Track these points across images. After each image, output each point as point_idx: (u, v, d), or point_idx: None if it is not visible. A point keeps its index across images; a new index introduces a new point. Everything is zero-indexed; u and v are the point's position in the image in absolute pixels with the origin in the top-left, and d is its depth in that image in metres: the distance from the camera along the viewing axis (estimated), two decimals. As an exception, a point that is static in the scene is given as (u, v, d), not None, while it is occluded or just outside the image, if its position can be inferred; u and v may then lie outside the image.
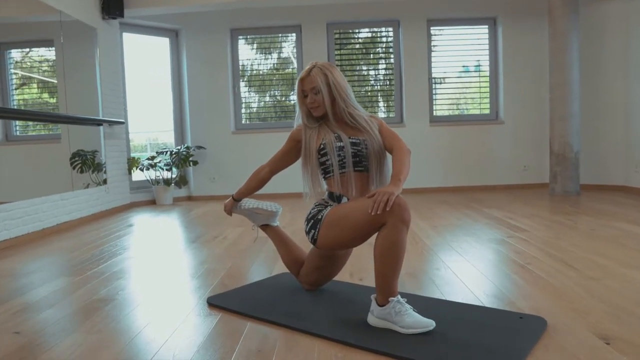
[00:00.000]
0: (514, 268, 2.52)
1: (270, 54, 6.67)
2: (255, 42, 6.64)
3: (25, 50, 4.33)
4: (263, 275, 2.56)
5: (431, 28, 6.43)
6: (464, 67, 6.56)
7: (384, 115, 6.59)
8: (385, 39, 6.59)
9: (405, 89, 6.39)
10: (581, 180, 5.71)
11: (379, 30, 6.56)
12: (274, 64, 6.68)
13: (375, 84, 6.67)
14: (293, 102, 6.65)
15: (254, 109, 6.74)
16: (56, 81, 4.56)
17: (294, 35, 6.50)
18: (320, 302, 2.04)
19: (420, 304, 1.88)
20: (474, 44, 6.50)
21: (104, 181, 5.31)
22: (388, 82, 6.57)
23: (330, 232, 1.85)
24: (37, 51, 4.47)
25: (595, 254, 2.72)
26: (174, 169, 6.26)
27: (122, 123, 5.62)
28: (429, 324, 1.65)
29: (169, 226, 4.39)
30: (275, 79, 6.67)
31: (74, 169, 4.72)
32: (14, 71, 4.12)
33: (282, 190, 6.01)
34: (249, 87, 6.66)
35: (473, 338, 1.61)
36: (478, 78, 6.57)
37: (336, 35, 6.50)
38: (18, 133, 4.14)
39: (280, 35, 6.58)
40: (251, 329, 1.80)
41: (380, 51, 6.63)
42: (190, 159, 6.24)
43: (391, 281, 1.68)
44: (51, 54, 4.53)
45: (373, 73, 6.65)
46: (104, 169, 5.31)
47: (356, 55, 6.66)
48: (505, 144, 6.40)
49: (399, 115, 6.51)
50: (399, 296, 1.70)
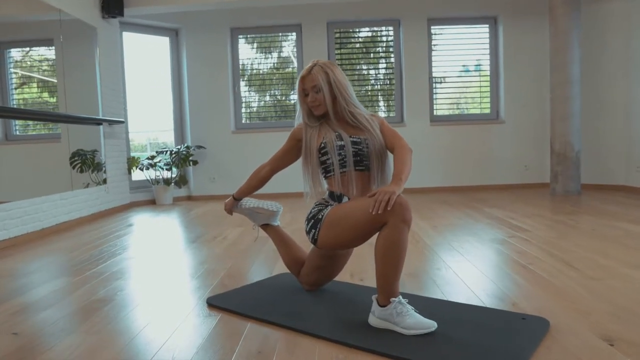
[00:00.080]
0: (515, 268, 2.50)
1: (271, 53, 6.66)
2: (255, 42, 6.62)
3: (25, 49, 4.32)
4: (263, 276, 2.54)
5: (432, 27, 6.42)
6: (465, 67, 6.54)
7: (384, 114, 6.58)
8: (385, 38, 6.57)
9: (406, 88, 6.38)
10: (582, 180, 5.70)
11: (380, 29, 6.55)
12: (274, 64, 6.67)
13: (375, 84, 6.65)
14: (293, 102, 6.63)
15: (254, 109, 6.72)
16: (56, 80, 4.55)
17: (294, 34, 6.49)
18: (321, 303, 2.03)
19: (421, 304, 1.86)
20: (474, 43, 6.48)
21: (104, 181, 5.30)
22: (388, 82, 6.55)
23: (330, 232, 1.83)
24: (37, 50, 4.45)
25: (597, 254, 2.71)
26: (173, 168, 6.25)
27: (122, 122, 5.61)
28: (431, 324, 1.64)
29: (169, 226, 4.38)
30: (275, 78, 6.65)
31: (73, 168, 4.71)
32: (13, 70, 4.10)
33: (283, 190, 6.00)
34: (249, 87, 6.65)
35: (475, 339, 1.60)
36: (479, 77, 6.55)
37: (336, 35, 6.48)
38: (18, 132, 4.13)
39: (280, 35, 6.57)
40: (251, 330, 1.78)
41: (381, 50, 6.61)
42: (190, 158, 6.23)
43: (392, 281, 1.66)
44: (51, 53, 4.52)
45: (373, 72, 6.64)
46: (103, 169, 5.30)
47: (356, 54, 6.64)
48: (505, 144, 6.39)
49: (400, 114, 6.50)
50: (401, 297, 1.69)
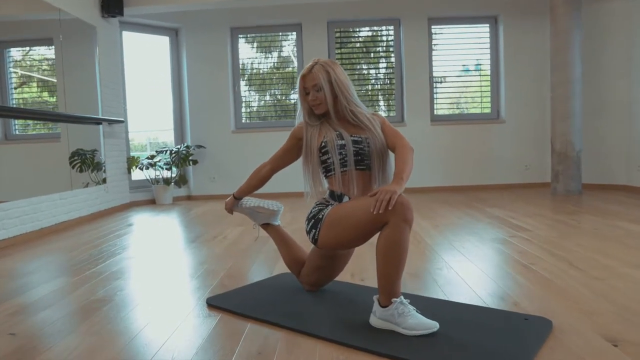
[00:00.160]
0: (517, 268, 2.49)
1: (271, 53, 6.64)
2: (255, 41, 6.61)
3: (25, 49, 4.30)
4: (263, 276, 2.53)
5: (432, 27, 6.40)
6: (465, 66, 6.53)
7: (384, 114, 6.56)
8: (385, 38, 6.56)
9: (406, 88, 6.36)
10: (583, 180, 5.68)
11: (380, 28, 6.53)
12: (274, 63, 6.65)
13: (375, 83, 6.63)
14: (293, 102, 6.62)
15: (254, 108, 6.71)
16: (55, 80, 4.53)
17: (294, 33, 6.47)
18: (321, 303, 2.01)
19: (422, 304, 1.85)
20: (475, 42, 6.46)
21: (104, 180, 5.28)
22: (389, 81, 6.54)
23: (331, 232, 1.82)
24: (37, 50, 4.44)
25: (599, 254, 2.69)
26: (173, 168, 6.23)
27: (122, 122, 5.59)
28: (433, 325, 1.62)
29: (169, 226, 4.36)
30: (275, 78, 6.64)
31: (73, 168, 4.69)
32: (13, 70, 4.09)
33: (283, 190, 5.98)
34: (249, 86, 6.63)
35: (477, 340, 1.58)
36: (479, 77, 6.53)
37: (337, 34, 6.46)
38: (17, 132, 4.12)
39: (280, 34, 6.55)
40: (251, 331, 1.77)
41: (381, 50, 6.59)
42: (190, 158, 6.21)
43: (394, 282, 1.65)
44: (51, 52, 4.50)
45: (374, 72, 6.62)
46: (103, 168, 5.29)
47: (357, 54, 6.63)
48: (506, 143, 6.37)
49: (400, 114, 6.48)
50: (402, 297, 1.67)
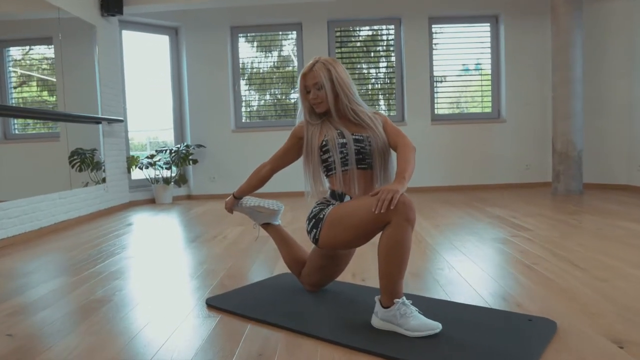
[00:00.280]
0: (519, 268, 2.47)
1: (271, 52, 6.62)
2: (255, 40, 6.59)
3: (24, 48, 4.28)
4: (264, 276, 2.51)
5: (433, 26, 6.38)
6: (466, 66, 6.51)
7: (385, 113, 6.54)
8: (386, 37, 6.54)
9: (407, 87, 6.34)
10: (584, 179, 5.66)
11: (380, 28, 6.51)
12: (274, 62, 6.63)
13: (376, 82, 6.61)
14: (293, 101, 6.60)
15: (254, 108, 6.69)
16: (55, 79, 4.51)
17: (295, 33, 6.45)
18: (322, 304, 1.99)
19: (424, 305, 1.83)
20: (475, 42, 6.44)
21: (103, 180, 5.26)
22: (389, 81, 6.52)
23: (332, 232, 1.79)
24: (36, 49, 4.42)
25: (601, 254, 2.67)
26: (173, 167, 6.21)
27: (121, 121, 5.57)
28: (435, 326, 1.60)
29: (169, 225, 4.34)
30: (275, 77, 6.62)
31: (72, 167, 4.67)
32: (12, 69, 4.07)
33: (283, 189, 5.96)
34: (249, 86, 6.61)
35: (481, 341, 1.56)
36: (480, 76, 6.51)
37: (337, 33, 6.44)
38: (17, 131, 4.10)
39: (280, 33, 6.53)
40: (252, 331, 1.75)
41: (381, 49, 6.57)
42: (190, 157, 6.19)
43: (396, 282, 1.63)
44: (50, 52, 4.48)
45: (374, 71, 6.60)
46: (102, 168, 5.27)
47: (357, 53, 6.61)
48: (507, 143, 6.35)
49: (400, 113, 6.46)
50: (404, 298, 1.65)
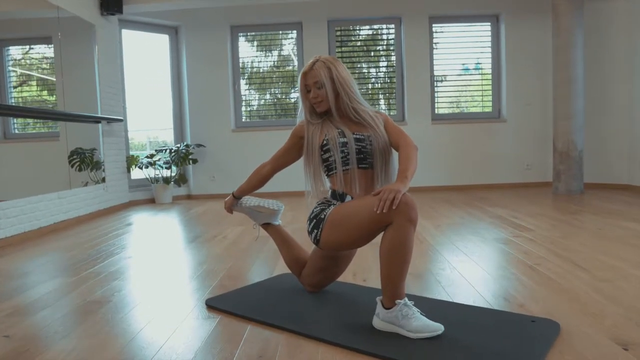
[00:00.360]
0: (521, 268, 2.45)
1: (271, 52, 6.60)
2: (255, 40, 6.57)
3: (24, 47, 4.26)
4: (264, 276, 2.49)
5: (433, 25, 6.36)
6: (466, 65, 6.49)
7: (385, 113, 6.52)
8: (386, 36, 6.52)
9: (407, 86, 6.32)
10: (584, 179, 5.64)
11: (381, 27, 6.49)
12: (274, 62, 6.61)
13: (376, 82, 6.59)
14: (293, 100, 6.58)
15: (254, 107, 6.67)
16: (54, 79, 4.49)
17: (295, 32, 6.43)
18: (323, 304, 1.97)
19: (426, 306, 1.81)
20: (476, 41, 6.42)
21: (103, 179, 5.24)
22: (389, 80, 6.50)
23: (333, 232, 1.77)
24: (36, 48, 4.40)
25: (604, 254, 2.65)
26: (173, 167, 6.19)
27: (121, 121, 5.55)
28: (438, 328, 1.58)
29: (168, 225, 4.32)
30: (275, 76, 6.60)
31: (72, 167, 4.65)
32: (12, 69, 4.05)
33: (284, 189, 5.95)
34: (249, 85, 6.59)
35: (484, 343, 1.54)
36: (480, 76, 6.49)
37: (337, 33, 6.42)
38: (17, 131, 4.09)
39: (280, 33, 6.51)
40: (252, 333, 1.73)
41: (382, 49, 6.55)
42: (190, 157, 6.17)
43: (398, 283, 1.61)
44: (50, 51, 4.46)
45: (374, 71, 6.58)
46: (102, 167, 5.25)
47: (357, 52, 6.59)
48: (507, 142, 6.33)
49: (401, 113, 6.44)
50: (406, 298, 1.63)
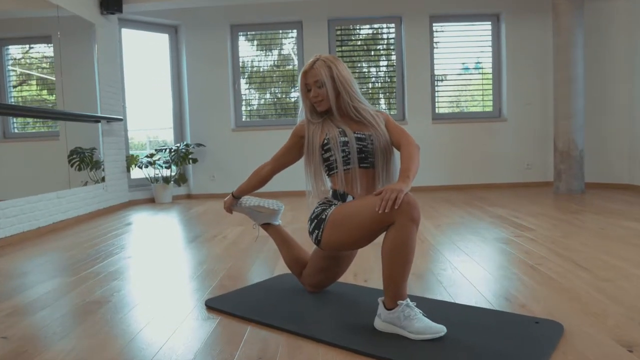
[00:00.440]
0: (523, 269, 2.43)
1: (271, 51, 6.58)
2: (255, 39, 6.55)
3: (24, 47, 4.25)
4: (264, 276, 2.47)
5: (433, 24, 6.34)
6: (467, 64, 6.47)
7: (386, 112, 6.51)
8: (386, 36, 6.50)
9: (407, 86, 6.31)
10: (585, 179, 5.62)
11: (381, 26, 6.47)
12: (274, 61, 6.59)
13: (376, 81, 6.58)
14: (294, 100, 6.56)
15: (254, 106, 6.65)
16: (54, 78, 4.47)
17: (295, 31, 6.41)
18: (324, 305, 1.96)
19: (428, 307, 1.79)
20: (476, 40, 6.40)
21: (102, 179, 5.23)
22: (389, 79, 6.48)
23: (335, 232, 1.76)
24: (35, 48, 4.38)
25: (606, 254, 2.64)
26: (173, 166, 6.17)
27: (121, 120, 5.54)
28: (440, 329, 1.56)
29: (168, 225, 4.31)
30: (275, 76, 6.58)
31: (71, 166, 4.64)
32: (12, 68, 4.04)
33: (284, 188, 5.93)
34: (249, 84, 6.58)
35: (487, 344, 1.53)
36: (481, 75, 6.48)
37: (337, 32, 6.41)
38: (16, 130, 4.08)
39: (280, 32, 6.49)
40: (252, 334, 1.71)
41: (382, 48, 6.53)
42: (190, 156, 6.15)
43: (400, 283, 1.59)
44: (50, 50, 4.45)
45: (374, 70, 6.56)
46: (102, 167, 5.23)
47: (357, 52, 6.57)
48: (508, 142, 6.32)
49: (401, 112, 6.43)
50: (408, 299, 1.61)
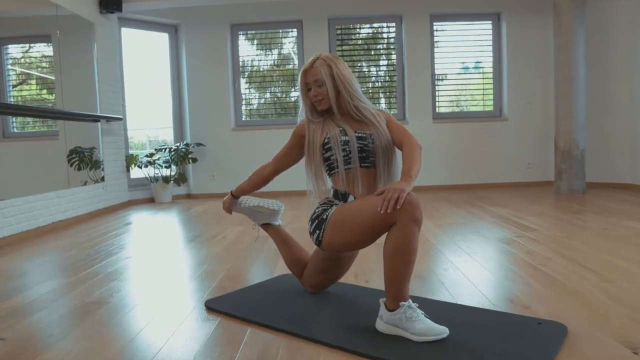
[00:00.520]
0: (525, 269, 2.41)
1: (271, 50, 6.56)
2: (255, 38, 6.53)
3: (23, 46, 4.23)
4: (264, 277, 2.45)
5: (434, 24, 6.32)
6: (467, 64, 6.45)
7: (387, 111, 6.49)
8: (387, 35, 6.48)
9: (408, 85, 6.29)
10: (586, 178, 5.60)
11: (381, 25, 6.45)
12: (274, 60, 6.57)
13: (376, 81, 6.56)
14: (294, 99, 6.55)
15: (254, 106, 6.63)
16: (54, 77, 4.45)
17: (295, 30, 6.39)
18: (324, 306, 1.94)
19: (430, 308, 1.77)
20: (477, 40, 6.38)
21: (102, 179, 5.21)
22: (390, 79, 6.46)
23: (336, 233, 1.73)
24: (35, 47, 4.36)
25: (608, 254, 2.62)
26: (172, 166, 6.15)
27: (120, 119, 5.52)
28: (443, 331, 1.55)
29: (168, 225, 4.29)
30: (275, 75, 6.56)
31: (71, 166, 4.62)
32: (11, 68, 4.02)
33: (284, 188, 5.91)
34: (249, 84, 6.56)
35: (490, 346, 1.51)
36: (481, 74, 6.46)
37: (338, 31, 6.39)
38: (15, 130, 4.06)
39: (280, 31, 6.47)
40: (252, 335, 1.69)
41: (382, 47, 6.51)
42: (190, 156, 6.14)
43: (402, 284, 1.57)
44: (49, 50, 4.42)
45: (375, 70, 6.54)
46: (101, 166, 5.21)
47: (358, 51, 6.55)
48: (509, 141, 6.30)
49: (402, 112, 6.41)
50: (410, 301, 1.59)
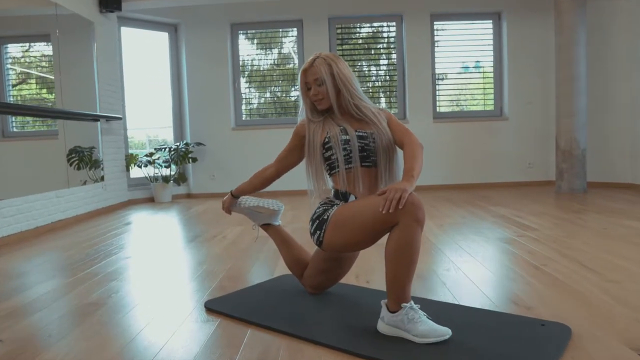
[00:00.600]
0: (527, 269, 2.40)
1: (271, 50, 6.55)
2: (255, 38, 6.51)
3: (23, 45, 4.21)
4: (264, 277, 2.44)
5: (434, 23, 6.30)
6: (467, 63, 6.43)
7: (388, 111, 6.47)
8: (387, 34, 6.46)
9: (408, 85, 6.27)
10: (587, 178, 5.59)
11: (382, 25, 6.44)
12: (274, 60, 6.56)
13: (377, 80, 6.54)
14: (294, 99, 6.53)
15: (254, 105, 6.62)
16: (53, 77, 4.44)
17: (295, 30, 6.38)
18: (325, 307, 1.92)
19: (432, 309, 1.75)
20: (478, 39, 6.37)
21: (101, 178, 5.19)
22: (390, 78, 6.44)
23: (337, 233, 1.72)
24: (34, 46, 4.35)
25: (610, 254, 2.60)
26: (172, 165, 6.14)
27: (120, 119, 5.50)
28: (445, 332, 1.53)
29: (167, 224, 4.27)
30: (275, 74, 6.55)
31: (70, 165, 4.60)
32: (11, 67, 4.00)
33: (284, 188, 5.89)
34: (249, 83, 6.54)
35: (493, 348, 1.49)
36: (482, 74, 6.44)
37: (338, 31, 6.37)
38: (15, 129, 4.04)
39: (280, 31, 6.45)
40: (252, 337, 1.68)
41: (383, 47, 6.50)
42: (190, 155, 6.12)
43: (404, 286, 1.56)
44: (49, 49, 4.41)
45: (375, 69, 6.53)
46: (101, 166, 5.19)
47: (358, 51, 6.53)
48: (509, 141, 6.28)
49: (402, 111, 6.39)
50: (412, 302, 1.58)
